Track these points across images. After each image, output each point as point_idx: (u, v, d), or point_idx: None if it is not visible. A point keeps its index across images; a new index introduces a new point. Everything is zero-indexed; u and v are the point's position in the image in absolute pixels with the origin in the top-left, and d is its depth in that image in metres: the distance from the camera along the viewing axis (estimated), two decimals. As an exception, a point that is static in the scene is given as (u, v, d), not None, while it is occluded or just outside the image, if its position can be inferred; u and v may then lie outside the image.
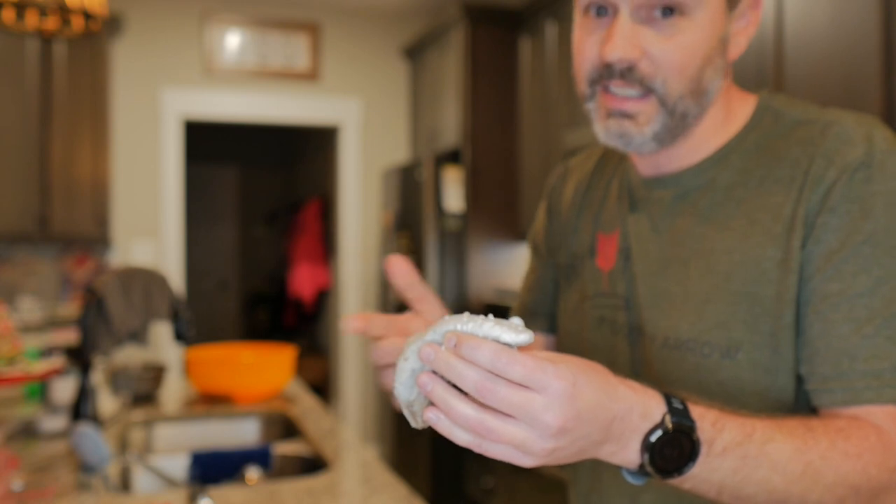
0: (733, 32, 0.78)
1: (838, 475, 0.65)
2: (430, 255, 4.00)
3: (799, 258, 0.72)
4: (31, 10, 2.68)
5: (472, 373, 0.55)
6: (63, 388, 2.03)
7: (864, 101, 2.07)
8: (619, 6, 0.74)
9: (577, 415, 0.56)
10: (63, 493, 1.43)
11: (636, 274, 0.84)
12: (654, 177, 0.85)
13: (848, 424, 0.68)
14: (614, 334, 0.85)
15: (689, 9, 0.73)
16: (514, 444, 0.56)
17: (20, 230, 4.00)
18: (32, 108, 4.02)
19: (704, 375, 0.75)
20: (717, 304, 0.75)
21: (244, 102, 4.65)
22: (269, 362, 2.29)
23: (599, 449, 0.60)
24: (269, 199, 8.09)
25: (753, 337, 0.73)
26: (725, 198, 0.79)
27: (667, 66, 0.74)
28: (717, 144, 0.81)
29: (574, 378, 0.56)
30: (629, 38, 0.73)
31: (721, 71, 0.78)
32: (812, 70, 2.24)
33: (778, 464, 0.63)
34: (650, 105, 0.75)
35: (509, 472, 3.34)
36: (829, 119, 0.76)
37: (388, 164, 4.95)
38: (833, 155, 0.72)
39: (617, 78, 0.75)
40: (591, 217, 0.93)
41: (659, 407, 0.61)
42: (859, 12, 2.10)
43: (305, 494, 1.42)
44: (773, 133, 0.79)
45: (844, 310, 0.70)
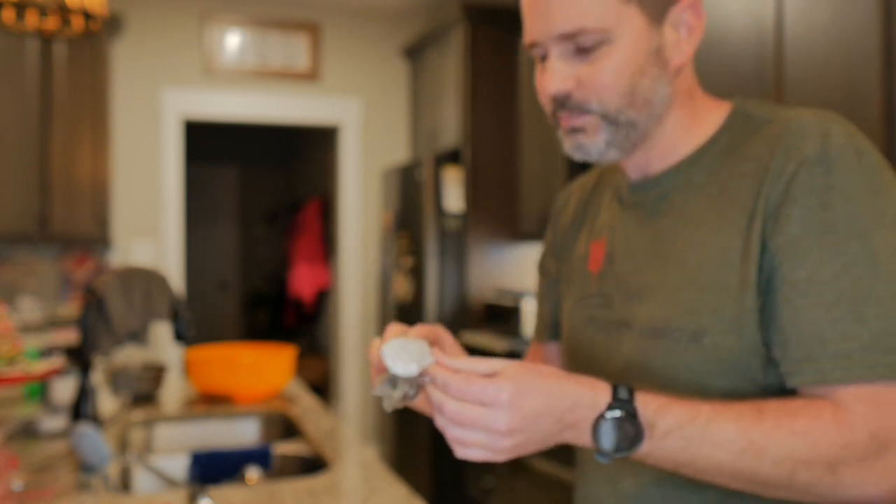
0: (669, 43, 0.84)
1: (783, 451, 0.71)
2: (430, 255, 4.01)
3: (758, 247, 0.78)
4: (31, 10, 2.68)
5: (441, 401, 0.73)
6: (63, 388, 2.03)
7: (864, 101, 2.07)
8: (548, 50, 0.84)
9: (523, 416, 0.71)
10: (63, 493, 1.43)
11: (619, 273, 0.91)
12: (640, 181, 0.92)
13: (803, 404, 0.73)
14: (602, 331, 0.93)
15: (607, 38, 0.81)
16: (481, 447, 0.72)
17: (20, 230, 4.00)
18: (32, 108, 4.02)
19: (675, 359, 0.82)
20: (687, 293, 0.82)
21: (244, 102, 4.65)
22: (269, 362, 2.29)
23: (560, 437, 0.73)
24: (269, 199, 8.09)
25: (719, 322, 0.79)
26: (698, 196, 0.85)
27: (597, 89, 0.83)
28: (692, 147, 0.88)
29: (515, 387, 0.71)
30: (560, 73, 0.84)
31: (661, 79, 0.84)
32: (812, 71, 2.24)
33: (721, 442, 0.71)
34: (593, 119, 0.85)
35: (509, 472, 3.34)
36: (789, 116, 0.82)
37: (388, 164, 4.95)
38: (791, 149, 0.78)
39: (560, 109, 0.86)
40: (587, 228, 1.01)
41: (605, 397, 0.72)
42: (859, 13, 2.10)
43: (305, 494, 1.42)
44: (743, 133, 0.85)
45: (813, 295, 0.74)
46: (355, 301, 4.94)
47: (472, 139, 4.02)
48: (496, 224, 4.06)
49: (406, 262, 4.28)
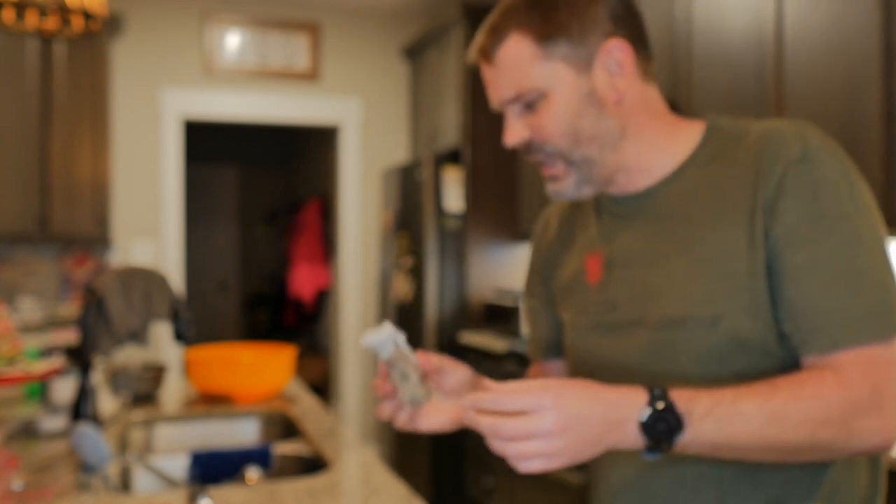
0: (601, 83, 0.95)
1: (802, 415, 0.81)
2: (430, 255, 4.01)
3: (763, 238, 0.88)
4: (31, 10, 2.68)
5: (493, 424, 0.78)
6: (63, 388, 2.03)
7: (864, 101, 2.07)
8: (505, 112, 0.99)
9: (568, 416, 0.77)
10: (63, 493, 1.43)
11: (622, 278, 1.00)
12: (628, 195, 1.02)
13: (807, 374, 0.84)
14: (608, 334, 1.00)
15: (542, 94, 0.94)
16: (538, 454, 0.78)
17: (20, 230, 4.00)
18: (32, 108, 4.02)
19: (696, 345, 0.91)
20: (699, 284, 0.91)
21: (244, 102, 4.65)
22: (269, 362, 2.29)
23: (608, 438, 0.79)
24: (269, 199, 8.09)
25: (734, 307, 0.89)
26: (693, 200, 0.95)
27: (545, 135, 0.96)
28: (675, 161, 0.99)
29: (556, 393, 0.78)
30: (513, 128, 0.98)
31: (603, 116, 0.95)
32: (812, 71, 2.24)
33: (747, 417, 0.80)
34: (558, 165, 0.98)
35: (509, 472, 3.34)
36: (765, 126, 0.94)
37: (388, 164, 4.95)
38: (777, 152, 0.89)
39: (526, 155, 1.00)
40: (578, 245, 1.09)
41: (643, 396, 0.80)
42: (859, 13, 2.10)
43: (305, 494, 1.42)
44: (722, 145, 0.96)
45: (814, 274, 0.85)
46: (355, 301, 4.94)
47: (472, 139, 4.02)
48: (496, 224, 4.06)
49: (406, 262, 4.28)
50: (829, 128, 2.19)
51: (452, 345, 3.98)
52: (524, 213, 3.97)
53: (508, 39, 0.95)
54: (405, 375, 0.94)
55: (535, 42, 0.94)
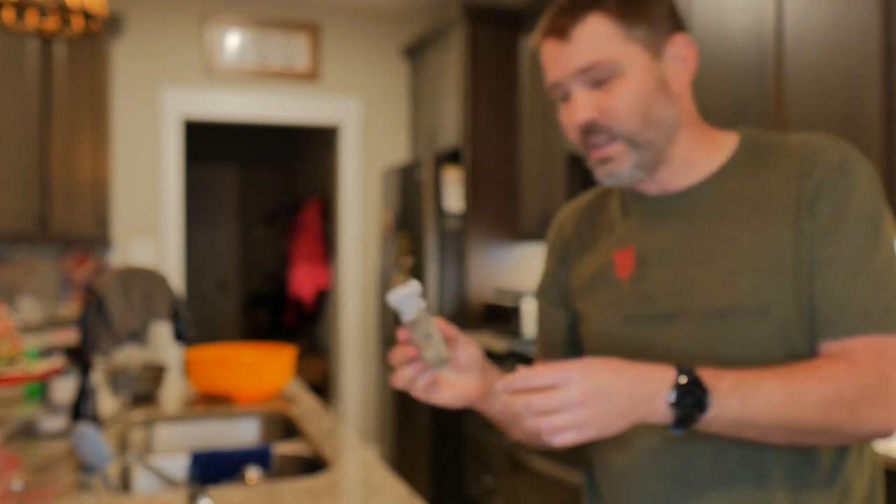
0: (669, 73, 1.01)
1: (817, 396, 0.88)
2: (430, 255, 4.01)
3: (804, 237, 0.96)
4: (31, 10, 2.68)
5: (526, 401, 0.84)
6: (63, 388, 2.03)
7: (864, 101, 2.07)
8: (569, 87, 1.01)
9: (595, 387, 0.83)
10: (63, 493, 1.43)
11: (658, 272, 1.04)
12: (663, 195, 1.07)
13: (822, 360, 0.92)
14: (644, 325, 1.04)
15: (619, 70, 0.97)
16: (569, 426, 0.83)
17: (20, 230, 4.00)
18: (32, 108, 4.02)
19: (743, 334, 0.96)
20: (747, 277, 0.97)
21: (244, 102, 4.65)
22: (269, 362, 2.29)
23: (634, 413, 0.85)
24: (269, 199, 8.09)
25: (781, 297, 0.95)
26: (733, 201, 1.01)
27: (617, 114, 0.98)
28: (714, 165, 1.05)
29: (580, 368, 0.84)
30: (583, 104, 0.99)
31: (669, 103, 1.01)
32: (812, 71, 2.24)
33: (769, 395, 0.87)
34: (619, 146, 1.00)
35: (509, 472, 3.34)
36: (807, 136, 1.02)
37: (388, 164, 4.95)
38: (818, 159, 0.98)
39: (588, 136, 1.01)
40: (602, 243, 1.13)
41: (671, 371, 0.86)
42: (859, 14, 2.10)
43: (305, 494, 1.42)
44: (760, 152, 1.03)
45: (837, 268, 0.94)
46: (355, 301, 4.94)
47: (472, 139, 4.02)
48: (496, 224, 4.06)
49: (406, 262, 4.28)
50: (829, 128, 2.18)
51: (452, 345, 3.98)
52: (524, 213, 3.97)
53: (588, 18, 0.98)
54: (429, 335, 0.94)
55: (617, 22, 0.98)
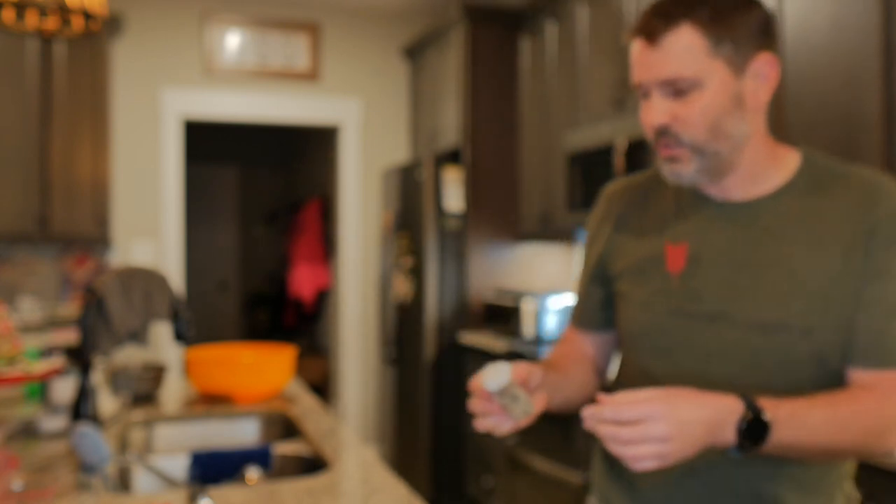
0: (749, 90, 1.06)
1: (855, 425, 0.99)
2: (430, 255, 4.01)
3: (857, 271, 1.03)
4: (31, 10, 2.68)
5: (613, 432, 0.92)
6: (63, 388, 2.03)
7: (864, 101, 2.07)
8: (651, 91, 1.07)
9: (677, 423, 0.91)
10: (63, 493, 1.43)
11: (710, 273, 1.10)
12: (725, 201, 1.13)
13: (859, 391, 1.02)
14: (690, 320, 1.10)
15: (699, 84, 1.03)
16: (651, 456, 0.91)
17: (20, 230, 4.00)
18: (32, 108, 4.02)
19: (786, 350, 1.04)
20: (797, 298, 1.04)
21: (244, 102, 4.65)
22: (269, 362, 2.29)
23: (706, 440, 0.93)
24: (269, 199, 8.08)
25: (826, 323, 1.03)
26: (789, 222, 1.08)
27: (688, 124, 1.05)
28: (775, 182, 1.10)
29: (666, 402, 0.92)
30: (660, 109, 1.06)
31: (742, 119, 1.06)
32: (812, 70, 2.24)
33: (816, 426, 0.96)
34: (684, 151, 1.07)
35: (509, 472, 3.34)
36: (869, 173, 1.09)
37: (388, 164, 4.95)
38: (879, 200, 1.05)
39: (660, 137, 1.08)
40: (653, 231, 1.19)
41: (740, 404, 0.94)
42: (859, 13, 2.10)
43: (305, 494, 1.42)
44: (821, 178, 1.09)
45: (880, 304, 1.03)
46: (355, 301, 4.94)
47: (472, 139, 4.02)
48: (496, 224, 4.06)
49: (406, 262, 4.28)
50: (829, 128, 2.19)
51: (452, 345, 3.98)
52: (524, 213, 3.97)
53: (681, 28, 1.03)
54: (515, 397, 1.03)
55: (706, 37, 1.03)
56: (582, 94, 3.42)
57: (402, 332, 4.36)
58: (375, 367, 4.95)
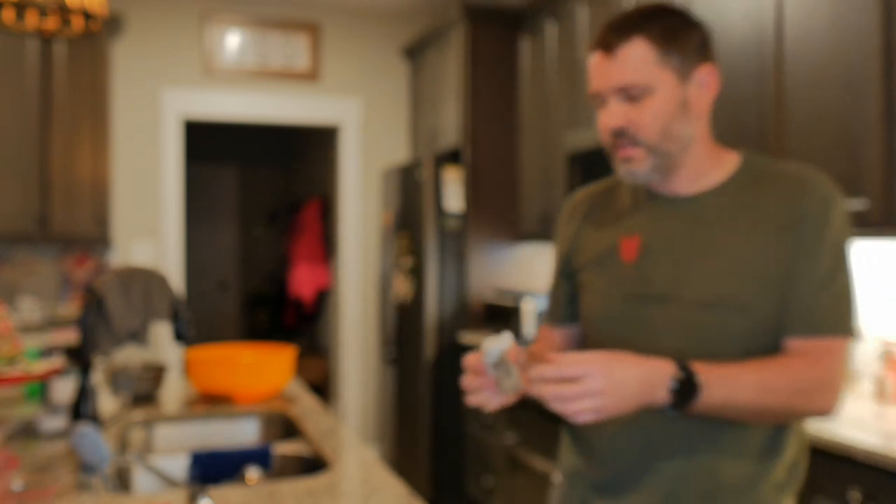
0: (692, 96, 1.20)
1: (783, 386, 1.10)
2: (430, 255, 4.00)
3: (788, 251, 1.15)
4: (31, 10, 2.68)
5: (554, 389, 1.03)
6: (63, 388, 2.03)
7: (864, 101, 2.07)
8: (607, 97, 1.20)
9: (612, 380, 1.02)
10: (63, 493, 1.43)
11: (659, 260, 1.22)
12: (673, 197, 1.25)
13: (788, 356, 1.14)
14: (641, 304, 1.22)
15: (650, 90, 1.17)
16: (590, 409, 1.02)
17: (20, 230, 4.00)
18: (32, 108, 4.02)
19: (725, 325, 1.16)
20: (735, 279, 1.16)
21: (244, 102, 4.65)
22: (269, 362, 2.29)
23: (640, 399, 1.05)
24: (269, 199, 8.08)
25: (760, 300, 1.15)
26: (730, 212, 1.20)
27: (642, 126, 1.18)
28: (719, 179, 1.23)
29: (601, 363, 1.03)
30: (616, 113, 1.19)
31: (688, 122, 1.20)
32: (812, 71, 2.24)
33: (746, 386, 1.09)
34: (639, 151, 1.20)
35: (509, 472, 3.34)
36: (798, 168, 1.22)
37: (388, 164, 4.95)
38: (807, 190, 1.17)
39: (618, 138, 1.20)
40: (610, 227, 1.31)
41: (671, 366, 1.06)
42: (859, 13, 2.10)
43: (305, 494, 1.42)
44: (761, 174, 1.22)
45: (808, 280, 1.15)
46: (355, 301, 4.94)
47: (472, 139, 4.02)
48: (496, 224, 4.06)
49: (406, 262, 4.28)
50: (829, 128, 2.19)
51: (452, 345, 3.98)
52: (524, 213, 3.97)
53: (634, 40, 1.17)
54: (508, 371, 1.11)
55: (656, 49, 1.17)
56: (582, 94, 3.42)
57: (402, 332, 4.36)
58: (375, 367, 4.95)
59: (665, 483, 1.19)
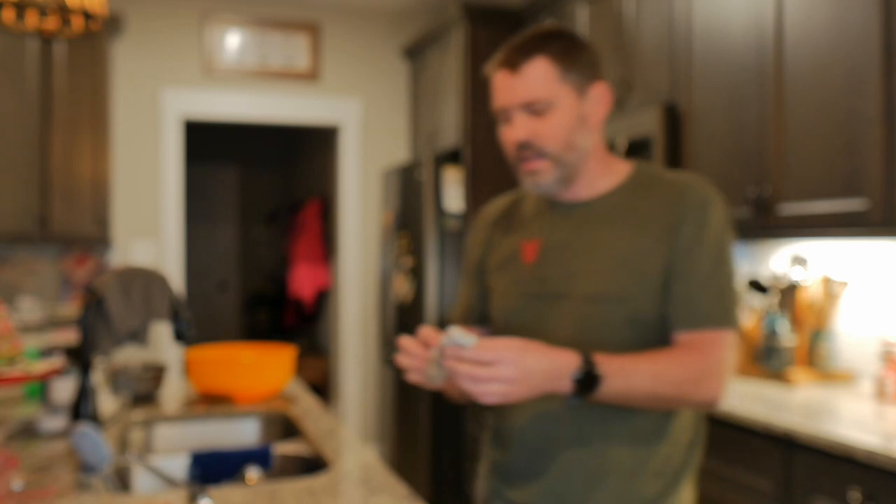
0: (589, 110, 1.31)
1: (674, 375, 1.20)
2: (430, 255, 4.00)
3: (668, 250, 1.26)
4: (31, 10, 2.68)
5: (468, 370, 1.10)
6: (63, 388, 2.03)
7: (865, 101, 2.07)
8: (512, 112, 1.30)
9: (523, 369, 1.10)
10: (63, 493, 1.43)
11: (555, 260, 1.33)
12: (570, 203, 1.36)
13: (677, 349, 1.24)
14: (539, 301, 1.33)
15: (553, 105, 1.27)
16: (499, 393, 1.09)
17: (20, 230, 4.00)
18: (32, 108, 4.02)
19: (607, 317, 1.27)
20: (617, 274, 1.27)
21: (244, 102, 4.65)
22: (269, 362, 2.29)
23: (546, 387, 1.13)
24: (269, 199, 8.08)
25: (641, 293, 1.26)
26: (618, 214, 1.32)
27: (546, 138, 1.28)
28: (610, 185, 1.35)
29: (514, 352, 1.10)
30: (522, 127, 1.29)
31: (586, 134, 1.31)
32: (812, 71, 2.24)
33: (641, 376, 1.18)
34: (544, 163, 1.30)
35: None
36: (682, 175, 1.33)
37: (388, 164, 4.95)
38: (688, 197, 1.28)
39: (523, 151, 1.30)
40: (515, 233, 1.42)
41: (577, 358, 1.14)
42: (859, 13, 2.10)
43: (305, 494, 1.42)
44: (648, 181, 1.34)
45: (692, 277, 1.25)
46: (355, 301, 4.94)
47: (472, 139, 4.02)
48: (496, 224, 4.05)
49: (406, 262, 4.28)
50: (829, 128, 2.19)
51: (452, 345, 3.98)
52: (524, 213, 3.96)
53: (536, 59, 1.27)
54: (440, 366, 1.16)
55: (556, 67, 1.27)
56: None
57: (402, 332, 4.36)
58: (375, 367, 4.95)
59: (560, 470, 1.28)
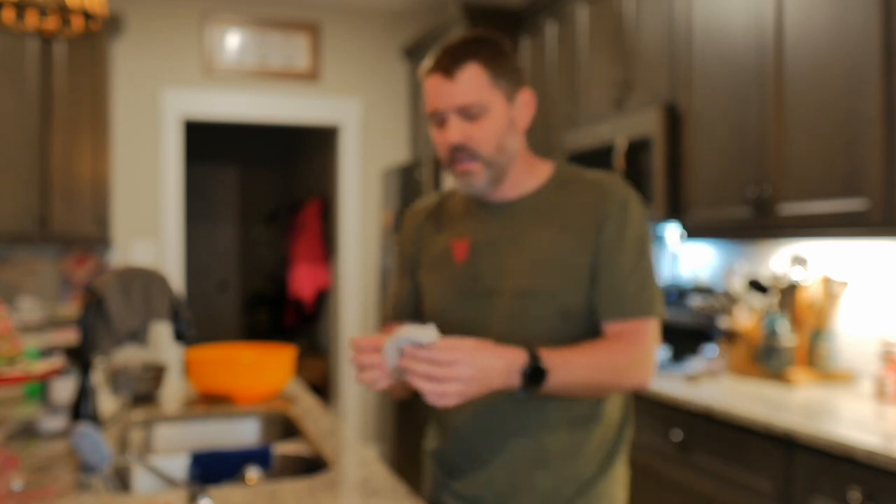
0: (517, 115, 1.38)
1: (609, 363, 1.29)
2: (430, 255, 4.00)
3: (592, 247, 1.34)
4: (31, 10, 2.68)
5: (426, 370, 1.14)
6: (63, 388, 2.03)
7: (865, 101, 2.07)
8: (447, 116, 1.34)
9: (479, 368, 1.15)
10: (63, 493, 1.43)
11: (486, 258, 1.39)
12: (498, 203, 1.42)
13: (608, 339, 1.33)
14: (472, 298, 1.39)
15: (486, 109, 1.33)
16: (455, 393, 1.14)
17: (20, 230, 4.00)
18: (32, 108, 4.02)
19: (537, 311, 1.34)
20: (545, 270, 1.35)
21: (244, 102, 4.65)
22: (269, 362, 2.29)
23: (497, 383, 1.18)
24: (269, 199, 8.08)
25: (568, 288, 1.34)
26: (544, 213, 1.39)
27: (480, 141, 1.34)
28: (535, 185, 1.42)
29: (471, 352, 1.15)
30: (457, 130, 1.33)
31: (515, 138, 1.38)
32: (812, 71, 2.24)
33: (580, 367, 1.25)
34: (477, 165, 1.36)
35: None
36: (602, 175, 1.41)
37: (388, 164, 4.95)
38: (609, 195, 1.36)
39: (457, 153, 1.35)
40: (445, 232, 1.48)
41: (524, 355, 1.20)
42: (859, 13, 2.10)
43: (305, 494, 1.42)
44: (569, 181, 1.42)
45: (616, 271, 1.33)
46: (355, 301, 4.94)
47: (472, 139, 4.01)
48: (496, 224, 4.05)
49: (406, 262, 4.27)
50: (829, 128, 2.19)
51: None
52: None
53: (469, 65, 1.32)
54: (393, 365, 1.19)
55: (488, 73, 1.33)
56: (582, 94, 3.42)
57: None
58: (375, 367, 4.94)
59: (502, 459, 1.35)
